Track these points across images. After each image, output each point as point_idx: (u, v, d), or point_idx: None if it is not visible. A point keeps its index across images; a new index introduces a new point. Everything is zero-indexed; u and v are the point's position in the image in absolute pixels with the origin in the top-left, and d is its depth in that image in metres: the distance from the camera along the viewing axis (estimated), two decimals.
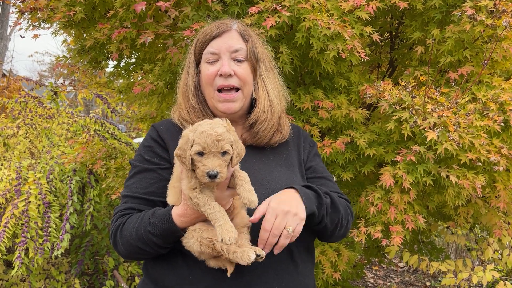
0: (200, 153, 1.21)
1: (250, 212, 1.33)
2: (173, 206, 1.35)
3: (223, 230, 1.19)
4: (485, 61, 2.09)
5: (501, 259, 2.73)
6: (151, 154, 1.48)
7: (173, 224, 1.31)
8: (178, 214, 1.32)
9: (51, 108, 4.31)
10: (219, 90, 1.47)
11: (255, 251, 1.23)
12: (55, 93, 4.13)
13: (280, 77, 1.62)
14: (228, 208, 1.31)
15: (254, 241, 1.30)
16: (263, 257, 1.25)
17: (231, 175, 1.28)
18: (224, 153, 1.21)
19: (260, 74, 1.52)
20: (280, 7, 1.97)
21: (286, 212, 1.27)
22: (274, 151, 1.54)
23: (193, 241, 1.29)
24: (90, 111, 4.53)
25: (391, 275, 5.43)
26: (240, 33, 1.50)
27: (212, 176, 1.18)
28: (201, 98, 1.53)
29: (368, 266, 5.48)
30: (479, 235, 3.35)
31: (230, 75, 1.45)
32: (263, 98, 1.51)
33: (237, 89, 1.47)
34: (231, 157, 1.23)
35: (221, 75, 1.45)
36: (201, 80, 1.52)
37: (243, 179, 1.26)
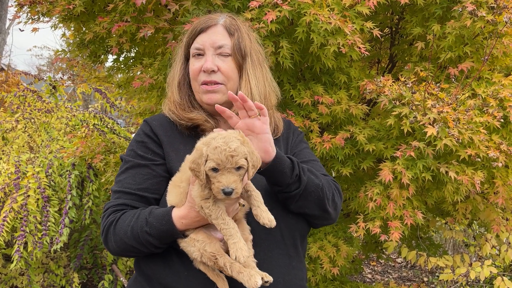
0: (215, 169, 1.19)
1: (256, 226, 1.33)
2: (173, 207, 1.34)
3: (237, 249, 1.19)
4: (486, 57, 2.09)
5: (499, 255, 2.74)
6: (144, 149, 1.47)
7: (173, 226, 1.30)
8: (179, 216, 1.31)
9: (50, 102, 4.30)
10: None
11: (262, 277, 1.24)
12: (54, 87, 4.12)
13: (269, 72, 1.61)
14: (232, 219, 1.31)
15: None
16: (270, 282, 1.26)
17: (244, 189, 1.28)
18: (239, 168, 1.20)
19: (245, 69, 1.51)
20: (281, 2, 1.96)
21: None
22: None
23: (193, 250, 1.29)
24: (89, 106, 4.52)
25: (389, 271, 5.45)
26: (226, 27, 1.50)
27: (228, 193, 1.18)
28: (187, 92, 1.55)
29: (366, 262, 5.50)
30: (477, 231, 3.37)
31: (213, 71, 1.46)
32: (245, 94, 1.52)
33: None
34: (247, 169, 1.23)
35: (204, 71, 1.46)
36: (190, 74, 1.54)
37: (258, 200, 1.27)
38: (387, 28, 2.77)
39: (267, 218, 1.24)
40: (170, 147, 1.48)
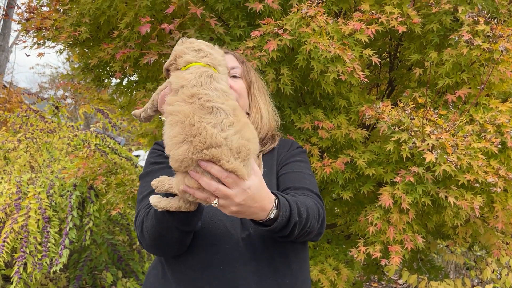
0: None
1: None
2: None
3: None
4: (482, 86, 2.13)
5: (500, 279, 2.73)
6: None
7: None
8: None
9: (53, 122, 4.33)
10: None
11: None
12: (57, 107, 4.16)
13: (272, 102, 1.70)
14: None
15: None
16: None
17: None
18: None
19: (253, 92, 1.61)
20: (282, 31, 2.01)
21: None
22: (263, 159, 1.54)
23: None
24: (91, 124, 4.55)
25: None
26: (235, 56, 1.61)
27: None
28: None
29: (368, 284, 5.45)
30: (478, 254, 3.36)
31: None
32: (255, 112, 1.59)
33: None
34: None
35: None
36: None
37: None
38: (385, 53, 2.83)
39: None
40: None
